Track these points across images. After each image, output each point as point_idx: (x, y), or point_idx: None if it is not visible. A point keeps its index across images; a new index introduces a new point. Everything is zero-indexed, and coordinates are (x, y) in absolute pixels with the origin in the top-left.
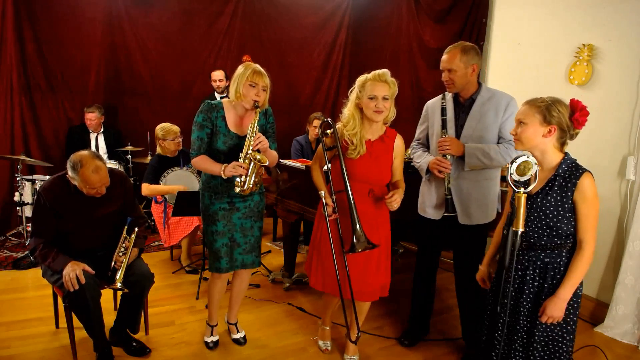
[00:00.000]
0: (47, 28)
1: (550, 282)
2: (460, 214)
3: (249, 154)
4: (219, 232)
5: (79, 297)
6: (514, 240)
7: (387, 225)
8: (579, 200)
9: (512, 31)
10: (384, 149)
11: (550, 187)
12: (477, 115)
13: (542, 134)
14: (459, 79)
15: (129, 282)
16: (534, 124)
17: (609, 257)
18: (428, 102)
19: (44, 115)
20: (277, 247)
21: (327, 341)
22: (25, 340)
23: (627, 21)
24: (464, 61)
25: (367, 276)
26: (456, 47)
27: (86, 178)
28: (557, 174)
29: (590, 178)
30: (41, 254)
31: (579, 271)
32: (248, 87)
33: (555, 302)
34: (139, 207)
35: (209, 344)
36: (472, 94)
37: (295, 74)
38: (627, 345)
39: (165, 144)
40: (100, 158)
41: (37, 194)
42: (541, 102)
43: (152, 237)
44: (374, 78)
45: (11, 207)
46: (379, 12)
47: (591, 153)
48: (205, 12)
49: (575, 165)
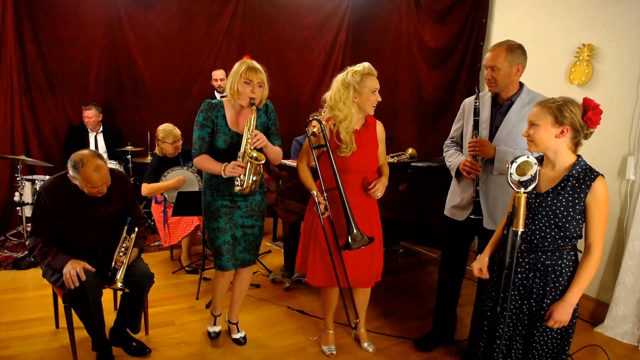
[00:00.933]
0: (47, 28)
1: (553, 285)
2: (486, 218)
3: (246, 153)
4: (221, 228)
5: (79, 295)
6: (514, 240)
7: (377, 213)
8: (592, 204)
9: (512, 31)
10: (369, 135)
11: (563, 187)
12: (515, 119)
13: (554, 135)
14: (502, 78)
15: (129, 282)
16: (546, 125)
17: (609, 257)
18: (465, 99)
19: (44, 115)
20: (277, 247)
21: (331, 346)
22: (25, 340)
23: (627, 21)
24: (509, 60)
25: (364, 263)
26: (501, 44)
27: (87, 177)
28: (570, 174)
29: (604, 182)
30: (40, 252)
31: (587, 275)
32: (243, 84)
33: (563, 307)
34: (139, 208)
35: (212, 334)
36: (512, 95)
37: (295, 74)
38: (627, 345)
39: (164, 146)
40: (101, 157)
41: (38, 194)
42: (552, 103)
43: (152, 237)
44: (371, 72)
45: (11, 207)
46: (379, 12)
47: (591, 153)
48: (205, 12)
49: (590, 168)
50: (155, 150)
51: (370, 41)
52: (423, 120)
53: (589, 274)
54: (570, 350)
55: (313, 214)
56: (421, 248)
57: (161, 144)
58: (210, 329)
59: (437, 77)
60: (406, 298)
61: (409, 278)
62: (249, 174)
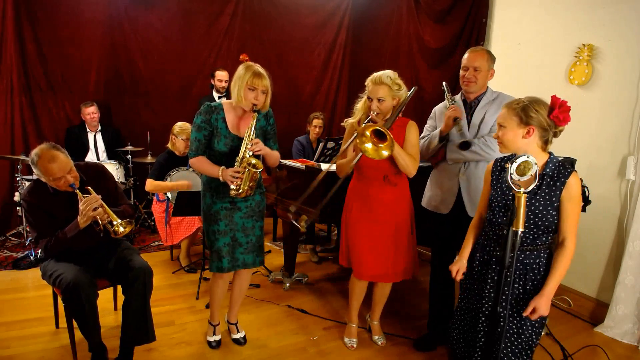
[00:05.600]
0: (47, 28)
1: (531, 284)
2: (468, 204)
3: (244, 159)
4: (221, 231)
5: (73, 295)
6: (514, 240)
7: (407, 211)
8: (566, 199)
9: (512, 31)
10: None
11: (539, 186)
12: (480, 114)
13: (521, 136)
14: (482, 78)
15: (127, 281)
16: (512, 126)
17: (609, 257)
18: (436, 107)
19: (44, 115)
20: (277, 247)
21: (353, 338)
22: (25, 340)
23: (627, 21)
24: (488, 63)
25: (381, 258)
26: (482, 49)
27: (45, 169)
28: (544, 173)
29: (577, 177)
30: (53, 245)
31: (562, 267)
32: (247, 90)
33: (544, 300)
34: (125, 197)
35: (212, 343)
36: (479, 95)
37: (295, 74)
38: (627, 345)
39: (176, 142)
40: (57, 148)
41: (21, 205)
42: (517, 104)
43: (152, 237)
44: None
45: (11, 207)
46: (379, 12)
47: (591, 153)
48: (205, 12)
49: (563, 164)
50: (168, 144)
51: (370, 41)
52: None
53: (565, 266)
54: (570, 350)
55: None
56: (421, 248)
57: (174, 139)
58: (209, 338)
59: (437, 77)
60: (406, 298)
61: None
62: (245, 179)
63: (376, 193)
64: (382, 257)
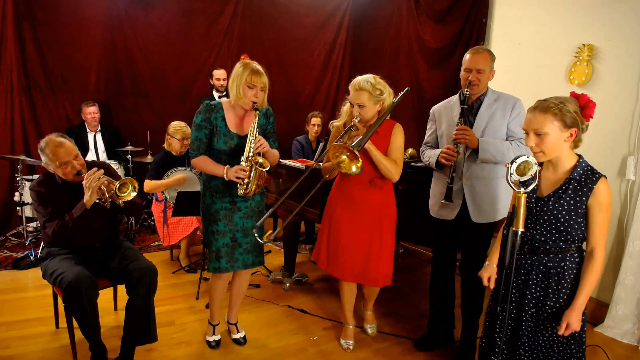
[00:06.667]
0: (47, 28)
1: (555, 288)
2: (473, 211)
3: (250, 158)
4: (220, 231)
5: (74, 294)
6: (514, 240)
7: (392, 217)
8: (594, 206)
9: (512, 31)
10: (378, 142)
11: (564, 190)
12: (486, 117)
13: (564, 140)
14: (485, 80)
15: (132, 280)
16: (554, 131)
17: (609, 257)
18: (434, 107)
19: (44, 115)
20: (277, 247)
21: (349, 340)
22: (25, 340)
23: (627, 21)
24: (490, 64)
25: (359, 258)
26: (484, 49)
27: (54, 154)
28: (572, 177)
29: (607, 184)
30: (60, 228)
31: (592, 280)
32: (246, 88)
33: (574, 314)
34: None
35: (211, 343)
36: (480, 96)
37: (295, 74)
38: (627, 345)
39: (172, 142)
40: (64, 136)
41: (30, 192)
42: (554, 107)
43: (152, 237)
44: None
45: (11, 207)
46: (378, 12)
47: (591, 153)
48: (205, 12)
49: (592, 169)
50: (164, 144)
51: (370, 41)
52: (423, 121)
53: (594, 278)
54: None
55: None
56: (421, 248)
57: (169, 139)
58: (209, 338)
59: (437, 77)
60: (406, 298)
61: (409, 278)
62: (253, 178)
63: (361, 195)
64: (361, 257)
